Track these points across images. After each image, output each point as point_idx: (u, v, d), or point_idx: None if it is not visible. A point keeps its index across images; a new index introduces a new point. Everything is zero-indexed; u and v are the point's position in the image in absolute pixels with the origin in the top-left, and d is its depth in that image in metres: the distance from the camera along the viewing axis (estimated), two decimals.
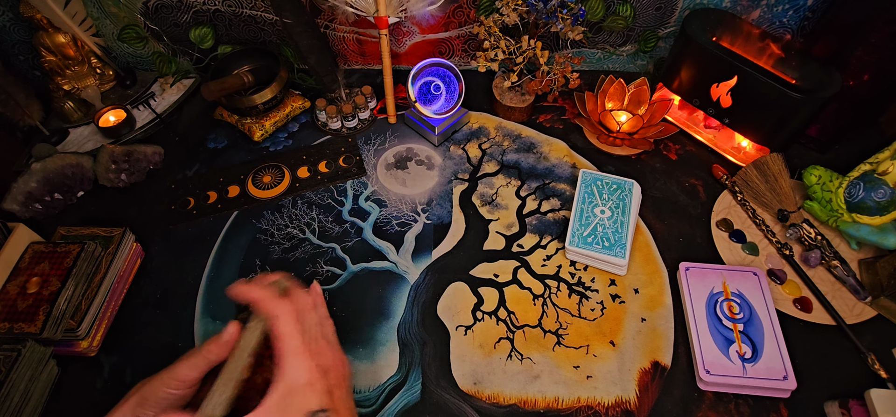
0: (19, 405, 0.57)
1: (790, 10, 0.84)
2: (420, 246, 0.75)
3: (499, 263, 0.73)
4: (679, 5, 0.89)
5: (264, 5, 0.92)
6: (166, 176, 0.86)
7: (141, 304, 0.70)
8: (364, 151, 0.88)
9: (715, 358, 0.60)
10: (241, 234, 0.77)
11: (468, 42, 0.98)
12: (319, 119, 0.93)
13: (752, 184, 0.78)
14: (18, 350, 0.58)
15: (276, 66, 0.91)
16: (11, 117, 0.89)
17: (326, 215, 0.79)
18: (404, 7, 0.84)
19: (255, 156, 0.88)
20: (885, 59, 0.73)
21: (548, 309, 0.68)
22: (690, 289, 0.66)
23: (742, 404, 0.60)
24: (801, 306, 0.67)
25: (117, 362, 0.64)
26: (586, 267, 0.72)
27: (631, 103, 0.88)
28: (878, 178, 0.67)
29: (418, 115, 0.87)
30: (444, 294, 0.70)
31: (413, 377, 0.62)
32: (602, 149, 0.87)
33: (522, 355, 0.64)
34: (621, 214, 0.72)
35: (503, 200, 0.81)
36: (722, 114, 0.81)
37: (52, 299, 0.61)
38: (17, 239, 0.67)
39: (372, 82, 0.98)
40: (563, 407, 0.60)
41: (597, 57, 1.00)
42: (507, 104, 0.90)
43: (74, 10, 0.89)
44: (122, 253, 0.70)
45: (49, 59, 0.91)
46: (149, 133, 0.91)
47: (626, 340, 0.65)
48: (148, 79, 0.99)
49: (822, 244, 0.71)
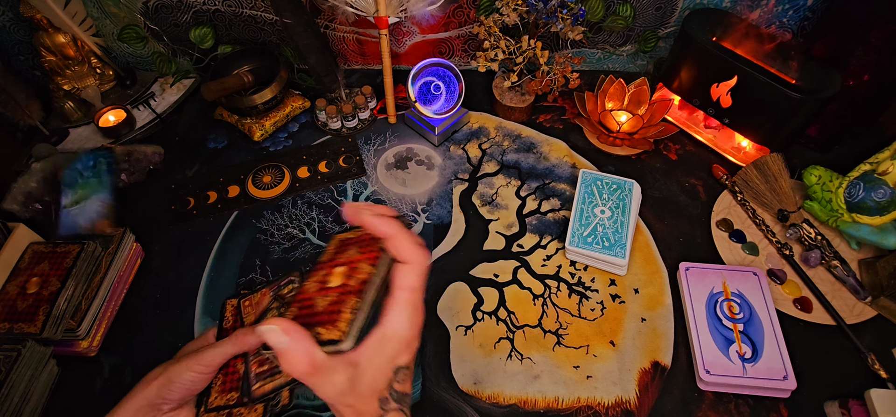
0: (19, 405, 0.57)
1: (790, 10, 0.84)
2: None
3: (499, 263, 0.73)
4: (679, 5, 0.89)
5: (264, 5, 0.92)
6: (166, 176, 0.86)
7: (141, 304, 0.70)
8: (364, 151, 0.88)
9: (715, 358, 0.60)
10: (241, 234, 0.77)
11: (468, 42, 0.98)
12: (319, 119, 0.93)
13: (752, 184, 0.78)
14: (18, 350, 0.58)
15: (276, 65, 0.91)
16: (11, 117, 0.89)
17: (326, 215, 0.79)
18: (404, 7, 0.84)
19: (255, 156, 0.88)
20: (885, 59, 0.73)
21: (548, 309, 0.68)
22: (690, 289, 0.66)
23: (742, 404, 0.60)
24: (801, 306, 0.67)
25: (117, 362, 0.64)
26: (586, 267, 0.72)
27: (631, 103, 0.88)
28: (878, 178, 0.67)
29: (418, 115, 0.87)
30: (444, 294, 0.70)
31: (413, 377, 0.62)
32: (602, 149, 0.87)
33: (522, 355, 0.64)
34: (621, 214, 0.72)
35: (503, 200, 0.81)
36: (722, 114, 0.81)
37: (52, 299, 0.61)
38: (17, 239, 0.67)
39: (372, 82, 0.98)
40: (563, 407, 0.60)
41: (597, 57, 1.00)
42: (507, 104, 0.90)
43: (74, 10, 0.89)
44: (122, 253, 0.70)
45: (49, 59, 0.91)
46: (149, 133, 0.92)
47: (626, 340, 0.65)
48: (148, 80, 0.99)
49: (822, 244, 0.71)
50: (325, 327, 0.33)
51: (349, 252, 0.38)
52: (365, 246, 0.37)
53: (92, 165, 0.73)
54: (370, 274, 0.35)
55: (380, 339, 0.34)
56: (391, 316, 0.34)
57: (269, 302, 0.46)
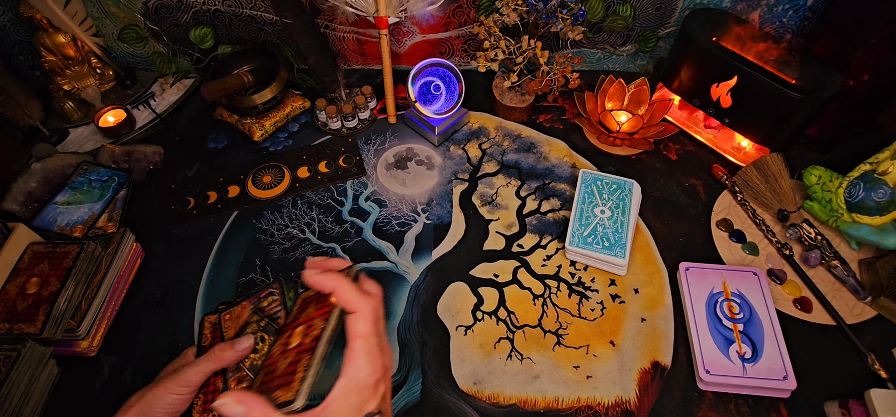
0: (19, 405, 0.57)
1: (790, 10, 0.84)
2: (420, 247, 0.75)
3: (499, 263, 0.73)
4: (679, 5, 0.89)
5: (264, 5, 0.92)
6: (166, 176, 0.86)
7: (141, 304, 0.70)
8: (364, 151, 0.88)
9: (715, 358, 0.60)
10: (241, 234, 0.77)
11: (468, 42, 0.98)
12: (319, 119, 0.93)
13: (752, 184, 0.78)
14: (18, 351, 0.58)
15: (276, 65, 0.91)
16: (11, 117, 0.89)
17: (326, 215, 0.79)
18: (404, 7, 0.84)
19: (255, 156, 0.88)
20: (885, 59, 0.73)
21: (548, 309, 0.68)
22: (690, 289, 0.66)
23: (742, 404, 0.60)
24: (801, 306, 0.67)
25: (117, 362, 0.64)
26: (586, 267, 0.72)
27: (631, 103, 0.88)
28: (878, 178, 0.67)
29: (418, 115, 0.87)
30: (444, 294, 0.70)
31: (413, 377, 0.62)
32: (602, 149, 0.87)
33: (522, 355, 0.64)
34: (621, 214, 0.72)
35: (503, 200, 0.81)
36: (722, 114, 0.81)
37: (52, 299, 0.61)
38: (17, 240, 0.67)
39: (372, 82, 0.98)
40: (563, 407, 0.60)
41: (597, 57, 1.00)
42: (507, 104, 0.90)
43: (74, 10, 0.89)
44: (122, 253, 0.70)
45: (49, 59, 0.91)
46: (149, 133, 0.91)
47: (626, 340, 0.65)
48: (148, 80, 0.99)
49: (822, 244, 0.71)
50: (281, 389, 0.34)
51: (308, 310, 0.40)
52: (320, 302, 0.39)
53: (104, 180, 0.75)
54: (322, 329, 0.36)
55: (343, 390, 0.35)
56: (350, 366, 0.36)
57: (249, 315, 0.45)
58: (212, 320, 0.47)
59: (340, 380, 0.35)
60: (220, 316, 0.47)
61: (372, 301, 0.38)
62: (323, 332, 0.36)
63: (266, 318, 0.44)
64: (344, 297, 0.36)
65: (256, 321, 0.45)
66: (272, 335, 0.44)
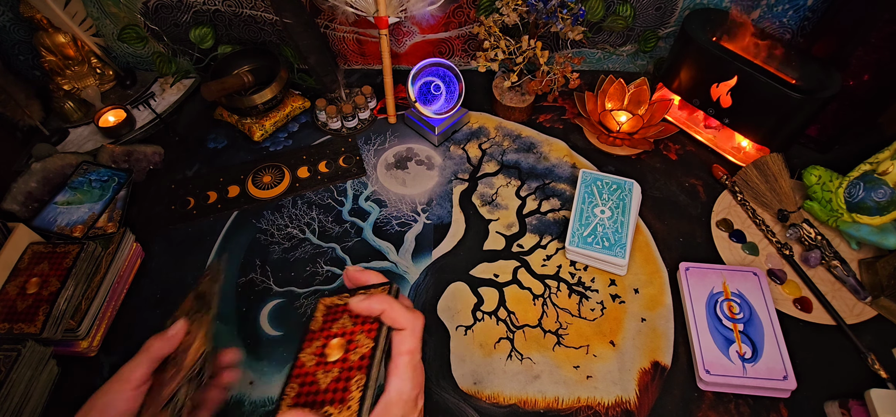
0: (19, 405, 0.57)
1: (790, 10, 0.84)
2: (420, 247, 0.75)
3: (499, 263, 0.73)
4: (679, 5, 0.89)
5: (264, 5, 0.92)
6: (166, 176, 0.86)
7: (141, 304, 0.70)
8: (364, 151, 0.88)
9: (715, 358, 0.60)
10: (241, 234, 0.77)
11: (468, 42, 0.98)
12: (319, 119, 0.93)
13: (752, 184, 0.78)
14: (18, 351, 0.58)
15: (276, 65, 0.91)
16: (11, 117, 0.89)
17: (326, 215, 0.79)
18: (404, 7, 0.84)
19: (255, 156, 0.88)
20: (885, 59, 0.73)
21: (548, 309, 0.68)
22: (690, 289, 0.66)
23: (742, 404, 0.60)
24: (801, 306, 0.67)
25: (117, 362, 0.64)
26: (586, 267, 0.72)
27: (631, 103, 0.88)
28: (878, 178, 0.67)
29: (418, 115, 0.87)
30: (444, 294, 0.70)
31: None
32: (602, 149, 0.87)
33: (522, 355, 0.64)
34: (621, 214, 0.72)
35: (503, 200, 0.81)
36: (722, 114, 0.81)
37: (52, 299, 0.61)
38: (17, 240, 0.67)
39: (372, 82, 0.98)
40: (563, 407, 0.60)
41: (597, 57, 1.00)
42: (507, 104, 0.90)
43: (74, 10, 0.89)
44: (122, 253, 0.70)
45: (49, 59, 0.91)
46: (149, 133, 0.91)
47: (626, 340, 0.65)
48: (148, 80, 0.99)
49: (822, 244, 0.71)
50: (334, 406, 0.34)
51: (342, 321, 0.40)
52: (356, 316, 0.39)
53: (104, 180, 0.75)
54: (371, 349, 0.37)
55: (386, 405, 0.36)
56: (395, 381, 0.36)
57: (191, 304, 0.46)
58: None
59: (385, 395, 0.36)
60: None
61: (420, 318, 0.39)
62: (375, 352, 0.37)
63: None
64: (393, 316, 0.37)
65: (195, 309, 0.45)
66: (205, 313, 0.44)
